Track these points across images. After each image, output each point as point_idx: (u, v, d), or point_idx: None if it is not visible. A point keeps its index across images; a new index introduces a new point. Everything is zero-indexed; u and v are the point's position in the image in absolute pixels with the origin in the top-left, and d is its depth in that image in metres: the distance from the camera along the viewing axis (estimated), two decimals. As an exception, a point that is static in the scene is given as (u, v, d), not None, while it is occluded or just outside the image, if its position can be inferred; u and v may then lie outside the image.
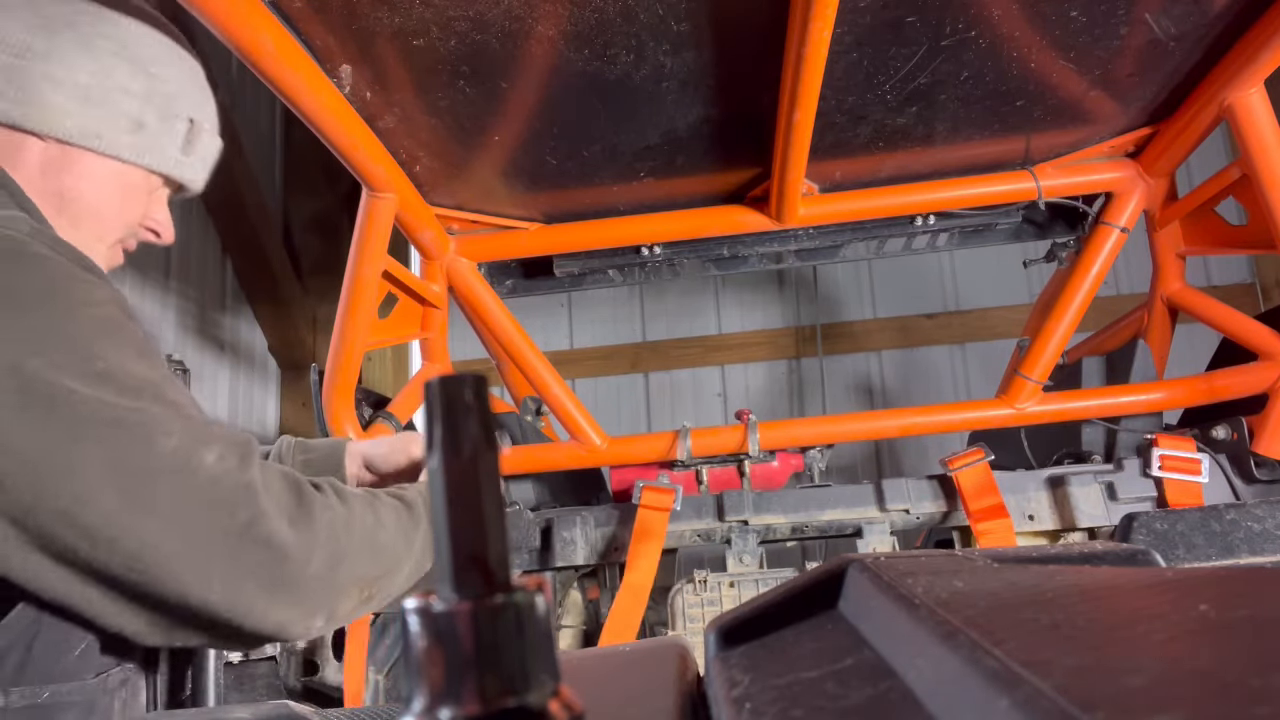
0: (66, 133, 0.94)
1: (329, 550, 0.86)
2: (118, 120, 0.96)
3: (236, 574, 0.79)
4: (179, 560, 0.77)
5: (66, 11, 0.94)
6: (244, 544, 0.80)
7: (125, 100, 0.96)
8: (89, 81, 0.94)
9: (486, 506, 0.27)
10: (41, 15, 0.93)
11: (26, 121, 0.92)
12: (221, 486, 0.80)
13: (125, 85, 0.97)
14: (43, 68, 0.92)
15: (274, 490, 0.84)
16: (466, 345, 2.48)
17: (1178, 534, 1.38)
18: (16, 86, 0.91)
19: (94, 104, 0.95)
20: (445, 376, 0.27)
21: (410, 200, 1.61)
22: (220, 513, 0.79)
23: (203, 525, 0.78)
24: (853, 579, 0.40)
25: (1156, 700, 0.20)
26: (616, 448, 1.78)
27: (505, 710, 0.25)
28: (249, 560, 0.80)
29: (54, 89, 0.92)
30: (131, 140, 0.98)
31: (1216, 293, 2.84)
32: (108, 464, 0.75)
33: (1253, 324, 1.65)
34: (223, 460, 0.81)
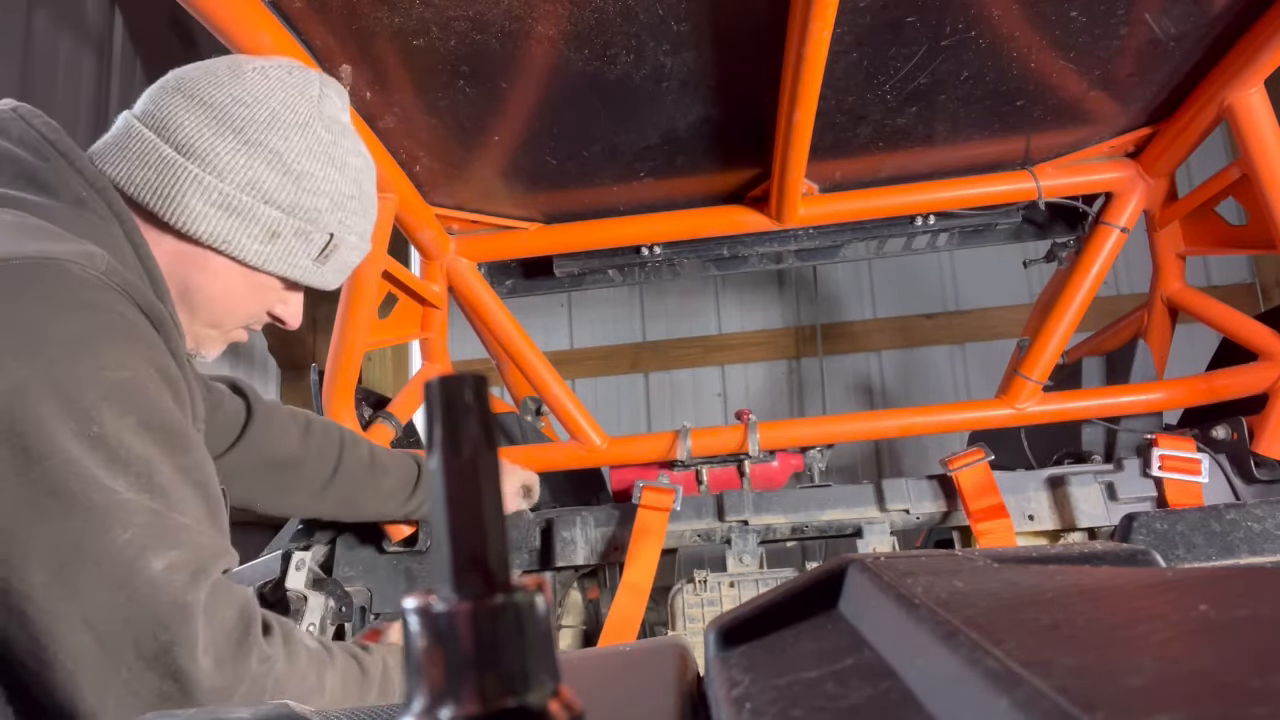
0: (198, 235, 0.94)
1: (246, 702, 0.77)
2: (252, 230, 0.96)
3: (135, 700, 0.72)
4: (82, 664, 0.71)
5: (240, 116, 0.94)
6: (151, 669, 0.73)
7: (266, 211, 0.96)
8: (233, 191, 0.94)
9: (486, 506, 0.27)
10: (215, 115, 0.94)
11: (165, 216, 0.93)
12: (156, 600, 0.73)
13: (271, 197, 0.96)
14: (195, 171, 0.93)
15: (216, 620, 0.77)
16: (466, 345, 2.48)
17: (1178, 534, 1.38)
18: (167, 182, 0.93)
19: (232, 213, 0.95)
20: (445, 376, 0.27)
21: (410, 200, 1.61)
22: (142, 627, 0.72)
23: (120, 634, 0.72)
24: (853, 579, 0.40)
25: (1156, 700, 0.20)
26: (616, 448, 1.78)
27: (505, 710, 0.25)
28: (153, 689, 0.73)
29: (198, 194, 0.93)
30: (261, 249, 0.98)
31: (1216, 293, 2.84)
32: (49, 540, 0.71)
33: (1253, 324, 1.65)
34: (171, 570, 0.74)
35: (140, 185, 0.92)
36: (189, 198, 0.93)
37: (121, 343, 0.80)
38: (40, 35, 2.20)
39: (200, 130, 0.93)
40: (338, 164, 1.01)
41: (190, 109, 0.93)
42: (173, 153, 0.92)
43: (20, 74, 2.13)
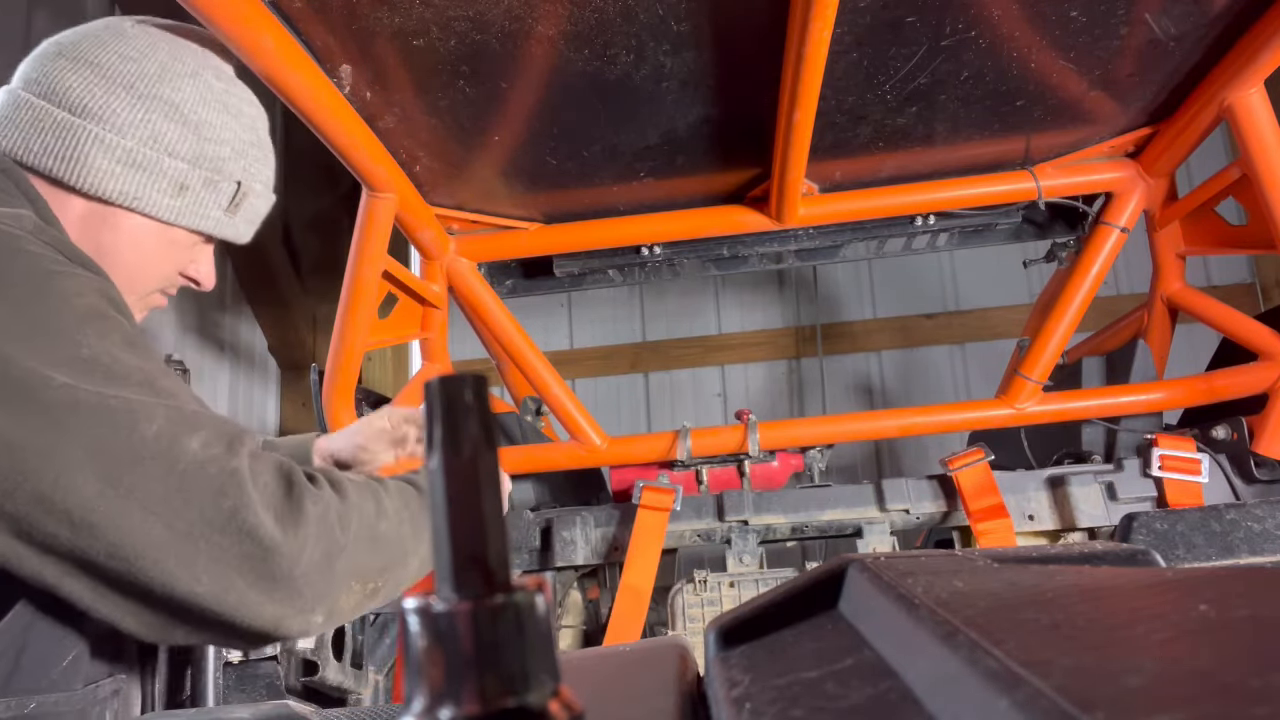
0: (107, 194, 0.94)
1: (322, 544, 0.82)
2: (160, 184, 0.96)
3: (222, 566, 0.77)
4: (161, 549, 0.75)
5: (129, 72, 0.95)
6: (228, 535, 0.77)
7: (171, 164, 0.97)
8: (136, 146, 0.94)
9: (486, 506, 0.27)
10: (104, 74, 0.94)
11: (70, 179, 0.93)
12: (205, 473, 0.78)
13: (173, 149, 0.97)
14: (94, 129, 0.93)
15: (262, 480, 0.81)
16: (466, 345, 2.48)
17: (1178, 534, 1.38)
18: (67, 144, 0.92)
19: (138, 168, 0.95)
20: (445, 376, 0.27)
21: (410, 200, 1.61)
22: (203, 500, 0.77)
23: (185, 513, 0.76)
24: (853, 579, 0.40)
25: (1156, 700, 0.20)
26: (616, 448, 1.78)
27: (505, 710, 0.25)
28: (235, 552, 0.78)
29: (101, 152, 0.93)
30: (172, 203, 0.98)
31: (1216, 293, 2.84)
32: (87, 449, 0.74)
33: (1253, 324, 1.65)
34: (207, 447, 0.79)
35: (40, 152, 0.92)
36: (93, 157, 0.93)
37: (73, 277, 0.82)
38: (40, 35, 2.20)
39: (92, 90, 0.93)
40: (233, 111, 1.02)
41: (77, 70, 0.93)
42: (68, 115, 0.92)
43: (20, 74, 2.13)
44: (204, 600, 0.77)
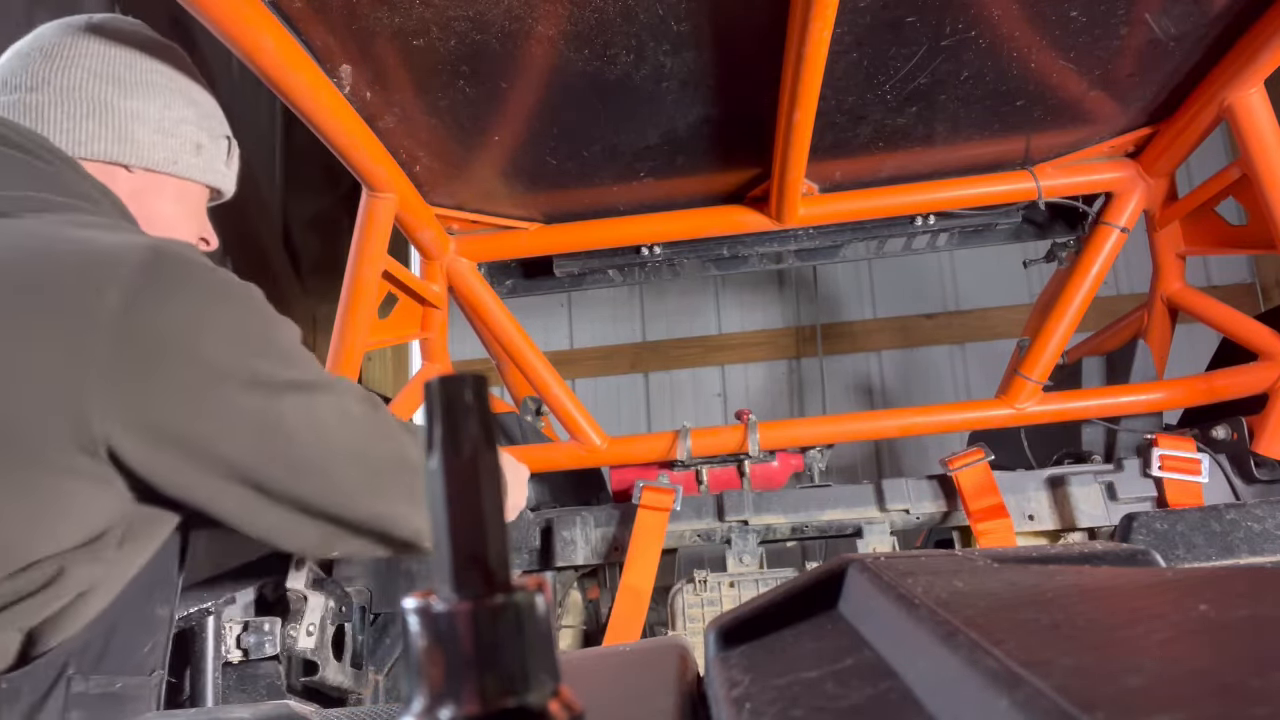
0: (154, 162, 1.10)
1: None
2: (185, 146, 1.13)
3: (396, 491, 1.03)
4: (359, 483, 1.00)
5: (115, 64, 1.09)
6: (398, 467, 1.03)
7: (187, 129, 1.13)
8: (160, 116, 1.11)
9: (486, 506, 0.27)
10: (99, 72, 1.07)
11: (122, 155, 1.07)
12: (376, 425, 1.04)
13: (183, 115, 1.13)
14: (128, 107, 1.08)
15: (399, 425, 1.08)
16: (466, 345, 2.48)
17: (1178, 534, 1.38)
18: (109, 127, 1.06)
19: (168, 134, 1.11)
20: (445, 376, 0.27)
21: (410, 200, 1.61)
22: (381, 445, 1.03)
23: (371, 455, 1.01)
24: (853, 579, 0.40)
25: (1156, 700, 0.20)
26: (616, 448, 1.78)
27: (505, 710, 0.25)
28: (402, 480, 1.03)
29: (140, 126, 1.08)
30: (197, 161, 1.15)
31: (1216, 293, 2.84)
32: (303, 415, 0.96)
33: (1253, 324, 1.64)
34: (364, 409, 1.03)
35: (90, 138, 1.05)
36: (136, 132, 1.08)
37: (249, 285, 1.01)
38: (40, 35, 2.20)
39: (103, 85, 1.07)
40: (198, 79, 1.18)
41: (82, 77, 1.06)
42: (98, 107, 1.06)
43: (20, 74, 2.13)
44: (379, 519, 1.03)
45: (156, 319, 0.87)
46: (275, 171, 3.37)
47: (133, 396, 0.85)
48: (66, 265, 0.87)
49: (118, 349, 0.84)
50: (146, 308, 0.86)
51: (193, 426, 0.89)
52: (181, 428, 0.88)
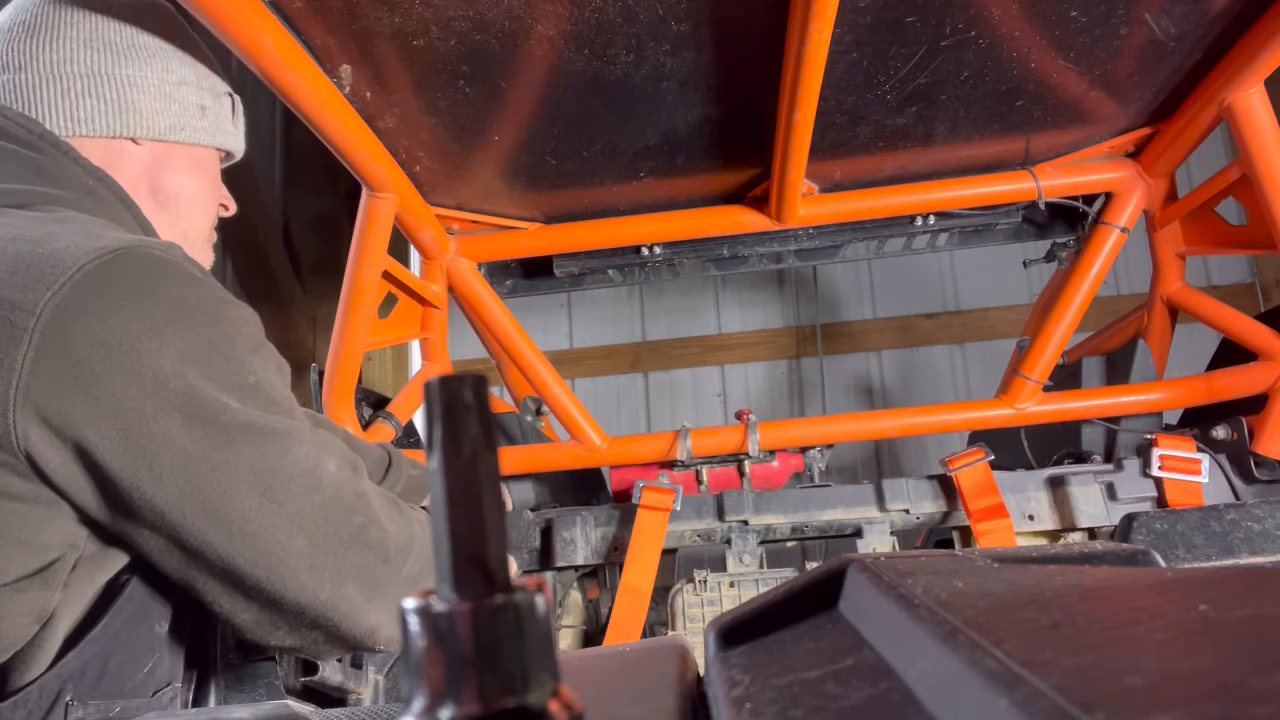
0: (160, 131, 1.03)
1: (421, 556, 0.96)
2: (189, 109, 1.06)
3: (343, 575, 0.88)
4: (300, 559, 0.85)
5: (104, 30, 1.01)
6: (355, 547, 0.89)
7: (188, 91, 1.06)
8: (160, 80, 1.03)
9: (486, 506, 0.27)
10: (89, 41, 0.99)
11: (125, 128, 1.00)
12: (342, 493, 0.90)
13: (183, 78, 1.06)
14: (126, 75, 1.00)
15: (378, 500, 0.94)
16: (466, 345, 2.48)
17: (1178, 534, 1.38)
18: (108, 100, 0.99)
19: (171, 100, 1.04)
20: (445, 376, 0.27)
21: (410, 200, 1.61)
22: (339, 517, 0.89)
23: (324, 527, 0.87)
24: (853, 579, 0.40)
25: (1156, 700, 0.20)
26: (616, 448, 1.78)
27: (505, 710, 0.25)
28: (356, 562, 0.89)
29: (141, 94, 1.01)
30: (203, 124, 1.08)
31: (1216, 293, 2.84)
32: (251, 466, 0.83)
33: (1253, 324, 1.64)
34: (340, 470, 0.91)
35: (90, 115, 0.98)
36: (138, 101, 1.01)
37: (238, 306, 0.92)
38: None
39: (96, 54, 0.99)
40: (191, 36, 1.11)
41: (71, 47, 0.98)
42: (94, 78, 0.98)
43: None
44: (321, 606, 0.88)
45: (91, 331, 0.78)
46: (275, 171, 3.37)
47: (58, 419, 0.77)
48: (7, 267, 0.79)
49: (41, 361, 0.77)
50: (80, 317, 0.78)
51: (118, 462, 0.79)
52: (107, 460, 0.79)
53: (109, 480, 0.80)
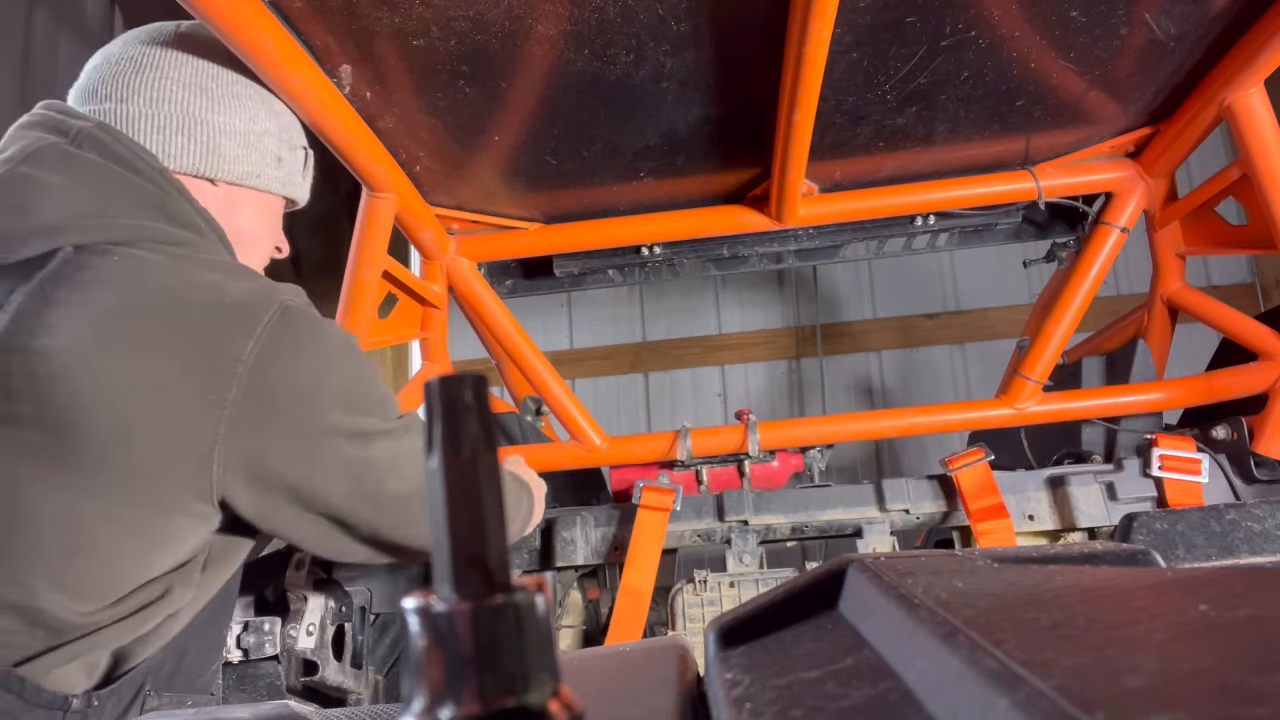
0: (238, 176, 1.10)
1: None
2: (267, 159, 1.13)
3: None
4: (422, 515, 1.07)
5: (203, 76, 1.08)
6: None
7: (268, 141, 1.14)
8: (245, 129, 1.11)
9: (486, 506, 0.27)
10: (189, 84, 1.07)
11: (209, 169, 1.07)
12: None
13: (265, 128, 1.13)
14: (218, 121, 1.08)
15: None
16: (466, 345, 2.48)
17: (1178, 534, 1.38)
18: (199, 141, 1.06)
19: (253, 148, 1.11)
20: (445, 376, 0.27)
21: (410, 200, 1.61)
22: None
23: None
24: (853, 579, 0.40)
25: (1156, 700, 0.20)
26: (616, 448, 1.78)
27: (505, 710, 0.25)
28: None
29: (228, 140, 1.08)
30: (277, 174, 1.16)
31: (1216, 293, 2.84)
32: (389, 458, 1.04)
33: (1253, 324, 1.64)
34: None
35: (180, 152, 1.05)
36: (224, 146, 1.08)
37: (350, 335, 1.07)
38: (40, 35, 2.20)
39: (192, 95, 1.06)
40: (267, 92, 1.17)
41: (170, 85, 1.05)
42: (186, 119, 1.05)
43: (20, 74, 2.13)
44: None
45: (285, 374, 0.93)
46: (275, 171, 3.36)
47: (254, 449, 0.92)
48: (202, 313, 0.90)
49: (247, 400, 0.89)
50: (276, 363, 0.92)
51: (303, 475, 0.97)
52: (293, 476, 0.96)
53: (292, 491, 0.97)
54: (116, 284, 0.87)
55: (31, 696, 0.83)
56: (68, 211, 0.90)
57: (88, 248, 0.89)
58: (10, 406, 0.81)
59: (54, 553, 0.84)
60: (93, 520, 0.85)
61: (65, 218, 0.89)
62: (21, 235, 0.88)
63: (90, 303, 0.85)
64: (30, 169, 0.90)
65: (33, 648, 0.85)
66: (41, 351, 0.82)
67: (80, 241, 0.89)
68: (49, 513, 0.83)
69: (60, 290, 0.85)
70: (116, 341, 0.85)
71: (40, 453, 0.82)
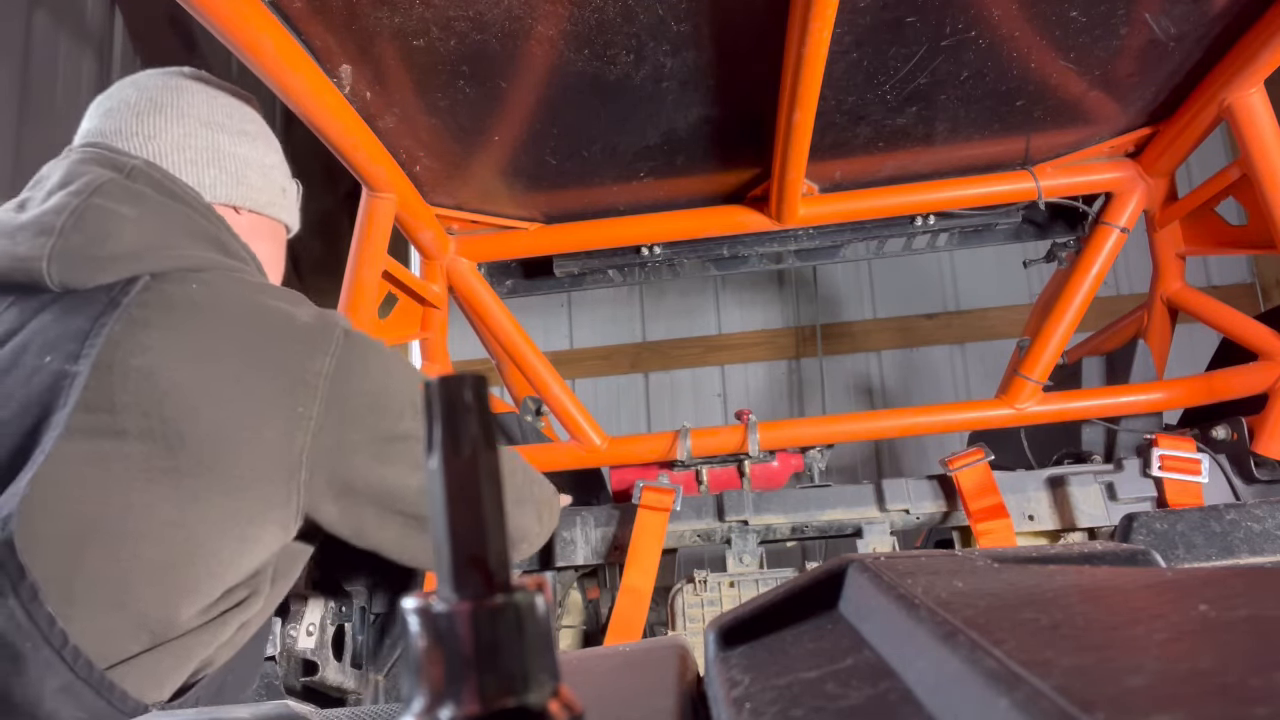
0: (260, 205, 1.16)
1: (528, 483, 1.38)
2: (275, 188, 1.19)
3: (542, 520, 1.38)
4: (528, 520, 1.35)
5: (219, 113, 1.14)
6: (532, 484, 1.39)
7: (276, 173, 1.20)
8: (261, 161, 1.17)
9: (486, 506, 0.27)
10: (207, 121, 1.12)
11: (238, 198, 1.13)
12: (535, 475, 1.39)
13: (274, 161, 1.20)
14: (240, 153, 1.14)
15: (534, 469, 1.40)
16: (466, 345, 2.48)
17: (1178, 534, 1.38)
18: (229, 172, 1.12)
19: (268, 179, 1.18)
20: (445, 376, 0.27)
21: (410, 200, 1.61)
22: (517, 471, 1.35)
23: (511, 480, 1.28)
24: (853, 579, 0.40)
25: (1156, 700, 0.20)
26: (616, 448, 1.78)
27: (505, 710, 0.25)
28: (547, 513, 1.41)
29: (250, 170, 1.15)
30: (285, 203, 1.22)
31: (1216, 293, 2.84)
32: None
33: (1253, 324, 1.64)
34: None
35: (213, 183, 1.10)
36: (249, 176, 1.14)
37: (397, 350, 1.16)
38: (40, 35, 2.20)
39: (213, 131, 1.12)
40: (267, 128, 1.22)
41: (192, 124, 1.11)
42: (219, 153, 1.12)
43: (20, 74, 2.13)
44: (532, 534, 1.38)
45: (357, 386, 1.00)
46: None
47: (336, 455, 0.98)
48: (280, 334, 0.97)
49: (328, 412, 0.97)
50: (350, 377, 1.00)
51: (379, 475, 1.02)
52: (372, 477, 1.02)
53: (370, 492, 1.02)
54: (200, 308, 0.94)
55: (119, 703, 0.86)
56: (143, 241, 0.95)
57: (165, 275, 0.95)
58: (117, 421, 0.86)
59: (161, 555, 0.88)
60: (198, 524, 0.90)
61: (142, 247, 0.95)
62: (102, 262, 0.92)
63: (181, 325, 0.92)
64: (104, 201, 0.95)
65: (130, 649, 0.88)
66: (144, 370, 0.88)
67: (156, 269, 0.95)
68: (159, 517, 0.88)
69: (150, 314, 0.91)
70: (212, 360, 0.92)
71: (149, 463, 0.87)
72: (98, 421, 0.85)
